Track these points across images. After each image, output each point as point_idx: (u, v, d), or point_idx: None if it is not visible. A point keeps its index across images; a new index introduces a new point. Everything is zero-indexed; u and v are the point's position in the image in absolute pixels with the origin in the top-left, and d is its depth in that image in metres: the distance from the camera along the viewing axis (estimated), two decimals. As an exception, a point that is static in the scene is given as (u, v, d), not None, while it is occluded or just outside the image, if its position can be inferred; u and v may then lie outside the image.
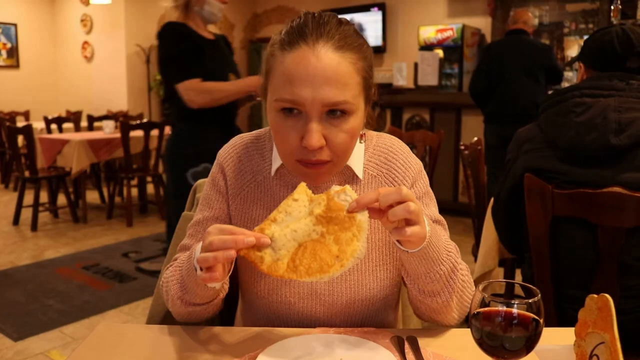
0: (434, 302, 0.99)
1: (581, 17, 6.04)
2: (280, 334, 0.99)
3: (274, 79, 0.95)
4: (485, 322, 0.74)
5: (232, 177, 1.10)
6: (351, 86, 0.93)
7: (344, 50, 0.92)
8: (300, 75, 0.90)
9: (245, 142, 1.13)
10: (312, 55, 0.90)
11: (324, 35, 0.92)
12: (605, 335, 0.71)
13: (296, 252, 0.84)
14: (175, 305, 1.03)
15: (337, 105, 0.91)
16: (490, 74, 4.33)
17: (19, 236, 4.92)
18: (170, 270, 1.06)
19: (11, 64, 8.92)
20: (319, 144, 0.91)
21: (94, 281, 3.76)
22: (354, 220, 0.85)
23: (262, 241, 0.84)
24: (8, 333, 2.95)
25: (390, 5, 7.55)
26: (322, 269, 0.83)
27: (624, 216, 1.40)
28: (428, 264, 0.93)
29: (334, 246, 0.84)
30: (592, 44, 1.64)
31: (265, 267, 0.84)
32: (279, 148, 0.99)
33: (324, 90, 0.90)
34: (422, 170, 1.13)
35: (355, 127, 0.96)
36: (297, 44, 0.92)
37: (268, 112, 0.99)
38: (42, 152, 5.36)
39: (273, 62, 0.95)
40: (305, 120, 0.92)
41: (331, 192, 0.87)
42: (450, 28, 6.53)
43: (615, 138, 1.42)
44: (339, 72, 0.91)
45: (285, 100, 0.92)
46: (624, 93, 1.47)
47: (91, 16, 8.76)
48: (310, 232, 0.85)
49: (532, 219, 1.55)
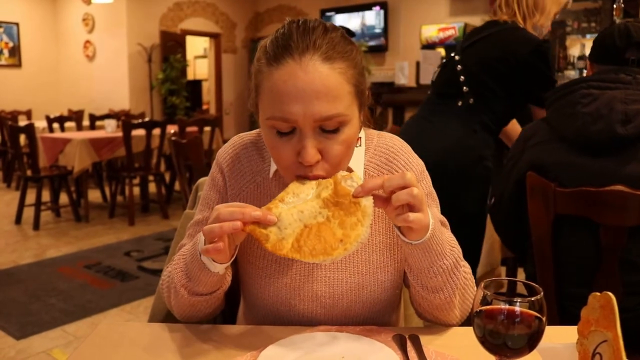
0: (436, 298, 0.99)
1: (583, 16, 6.03)
2: (281, 332, 0.98)
3: (263, 96, 0.92)
4: (487, 320, 0.74)
5: (232, 178, 1.09)
6: (343, 97, 0.90)
7: (332, 61, 0.89)
8: (289, 93, 0.87)
9: (245, 142, 1.12)
10: (300, 70, 0.87)
11: (310, 47, 0.89)
12: (608, 333, 0.71)
13: (301, 233, 0.86)
14: (177, 296, 1.02)
15: (330, 119, 0.89)
16: None
17: (21, 235, 4.93)
18: (172, 264, 1.06)
19: (13, 63, 8.95)
20: (315, 159, 0.90)
21: (95, 280, 3.77)
22: (358, 205, 0.86)
23: (269, 218, 0.85)
24: (10, 332, 2.96)
25: (392, 4, 7.55)
26: (326, 251, 0.84)
27: (627, 215, 1.40)
28: (431, 256, 0.92)
29: (338, 230, 0.86)
30: (598, 39, 1.68)
31: (270, 245, 0.85)
32: (277, 163, 0.98)
33: (315, 106, 0.87)
34: (424, 170, 1.12)
35: (350, 137, 0.94)
36: (283, 59, 0.89)
37: (262, 129, 0.97)
38: (44, 151, 5.37)
39: (261, 78, 0.92)
40: (299, 137, 0.90)
41: (338, 176, 0.89)
42: (452, 27, 6.53)
43: (622, 128, 1.43)
44: (329, 85, 0.88)
45: (277, 118, 0.89)
46: (630, 86, 1.49)
47: (93, 15, 8.78)
48: (316, 215, 0.87)
49: (534, 217, 1.55)
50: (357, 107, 0.95)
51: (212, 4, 9.39)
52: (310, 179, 0.93)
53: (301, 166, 0.92)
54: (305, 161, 0.89)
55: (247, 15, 9.70)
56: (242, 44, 9.75)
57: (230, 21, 9.57)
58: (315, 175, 0.92)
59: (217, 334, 1.00)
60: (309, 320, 1.05)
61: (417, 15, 7.20)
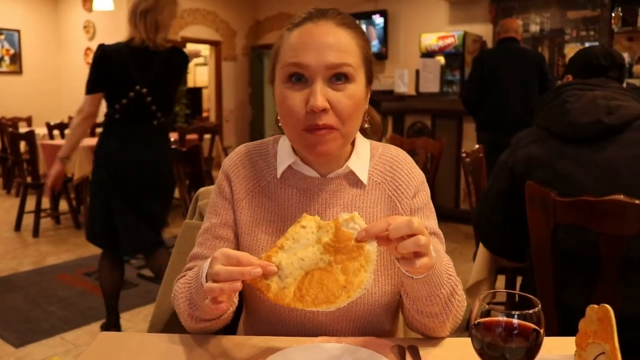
0: (430, 322, 1.01)
1: (582, 25, 6.05)
2: (281, 343, 0.99)
3: (282, 53, 1.02)
4: (485, 333, 0.75)
5: (237, 183, 1.11)
6: (352, 54, 0.99)
7: (344, 27, 1.01)
8: (304, 43, 0.98)
9: (249, 149, 1.15)
10: (316, 28, 0.99)
11: (326, 15, 1.01)
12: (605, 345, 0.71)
13: (303, 281, 0.84)
14: (186, 322, 1.05)
15: (339, 68, 0.97)
16: (484, 83, 4.33)
17: (21, 242, 4.93)
18: (180, 285, 1.07)
19: (14, 69, 8.96)
20: (323, 104, 0.95)
21: (95, 288, 3.76)
22: (362, 250, 0.83)
23: (269, 269, 0.84)
24: (9, 340, 2.95)
25: (392, 13, 7.58)
26: (329, 300, 0.82)
27: (625, 224, 1.41)
28: (430, 288, 0.94)
29: (341, 276, 0.83)
30: (579, 58, 1.95)
31: (272, 295, 0.84)
32: (286, 121, 1.02)
33: (327, 54, 0.97)
34: (424, 181, 1.15)
35: (357, 94, 1.00)
36: (302, 23, 1.01)
37: (276, 90, 1.03)
38: (45, 158, 5.38)
39: (281, 42, 1.03)
40: (309, 86, 0.97)
41: (339, 219, 0.86)
42: (451, 35, 6.55)
43: (607, 117, 1.62)
44: (341, 41, 0.99)
45: (291, 64, 0.98)
46: (608, 89, 1.73)
47: (94, 22, 8.80)
48: (317, 261, 0.85)
49: (534, 227, 1.55)
50: (364, 73, 1.03)
51: (212, 12, 9.42)
52: (319, 128, 0.96)
53: (310, 116, 0.97)
54: (314, 105, 0.95)
55: (248, 23, 9.72)
56: (242, 51, 9.77)
57: (231, 29, 9.59)
58: (325, 124, 0.96)
59: (218, 345, 1.01)
60: (310, 323, 1.06)
61: (416, 24, 7.22)
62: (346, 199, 1.08)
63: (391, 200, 1.10)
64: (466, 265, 3.82)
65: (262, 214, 1.09)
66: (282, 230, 1.07)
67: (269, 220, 1.08)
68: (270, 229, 1.08)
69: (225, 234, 1.11)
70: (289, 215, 1.08)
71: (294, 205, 1.08)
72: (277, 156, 1.11)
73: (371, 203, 1.09)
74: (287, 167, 1.09)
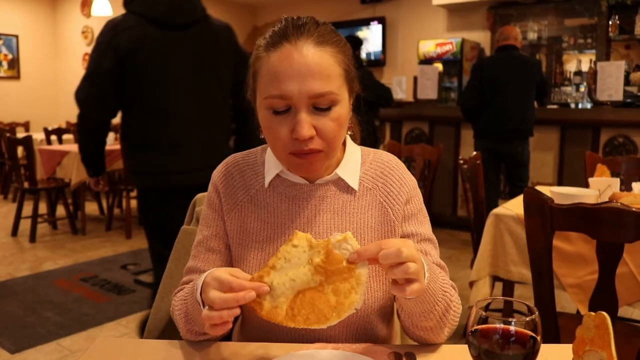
0: (425, 334, 1.02)
1: (580, 32, 6.08)
2: (278, 350, 0.98)
3: (261, 79, 0.99)
4: (482, 340, 0.74)
5: (226, 194, 1.12)
6: (334, 78, 0.97)
7: (324, 45, 0.97)
8: (285, 71, 0.95)
9: (237, 160, 1.16)
10: (295, 52, 0.95)
11: (304, 33, 0.97)
12: (602, 353, 0.71)
13: (295, 300, 0.85)
14: (185, 336, 1.05)
15: (322, 96, 0.95)
16: (483, 90, 4.34)
17: (18, 247, 4.91)
18: (177, 300, 1.07)
19: (12, 75, 8.96)
20: (309, 133, 0.95)
21: (92, 293, 3.75)
22: (353, 272, 0.84)
23: (262, 290, 0.85)
24: (5, 345, 2.94)
25: (390, 20, 7.60)
26: (320, 320, 0.84)
27: (623, 232, 1.41)
28: (424, 305, 0.95)
29: (332, 297, 0.85)
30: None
31: (265, 313, 0.86)
32: (272, 144, 1.02)
33: (309, 83, 0.94)
34: (416, 187, 1.15)
35: (342, 116, 0.99)
36: (280, 43, 0.97)
37: (258, 112, 1.03)
38: (42, 163, 5.37)
39: (259, 64, 1.00)
40: (294, 114, 0.96)
41: (332, 240, 0.86)
42: (449, 42, 6.57)
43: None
44: (322, 65, 0.96)
45: (274, 96, 0.96)
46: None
47: (92, 28, 8.81)
48: (309, 281, 0.86)
49: (531, 234, 1.55)
50: (347, 91, 1.02)
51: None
52: (306, 153, 0.97)
53: (296, 142, 0.96)
54: (300, 135, 0.95)
55: (246, 29, 9.74)
56: (241, 57, 9.79)
57: (229, 35, 9.63)
58: (311, 149, 0.97)
59: (214, 352, 1.00)
60: (304, 331, 1.05)
61: (414, 31, 7.24)
62: (336, 205, 1.08)
63: (382, 206, 1.10)
64: (463, 272, 3.82)
65: (252, 223, 1.09)
66: (272, 239, 1.07)
67: (259, 229, 1.08)
68: (261, 237, 1.08)
69: (217, 246, 1.11)
70: (278, 223, 1.08)
71: (283, 212, 1.08)
72: (265, 165, 1.12)
73: (362, 209, 1.09)
74: (275, 175, 1.10)
